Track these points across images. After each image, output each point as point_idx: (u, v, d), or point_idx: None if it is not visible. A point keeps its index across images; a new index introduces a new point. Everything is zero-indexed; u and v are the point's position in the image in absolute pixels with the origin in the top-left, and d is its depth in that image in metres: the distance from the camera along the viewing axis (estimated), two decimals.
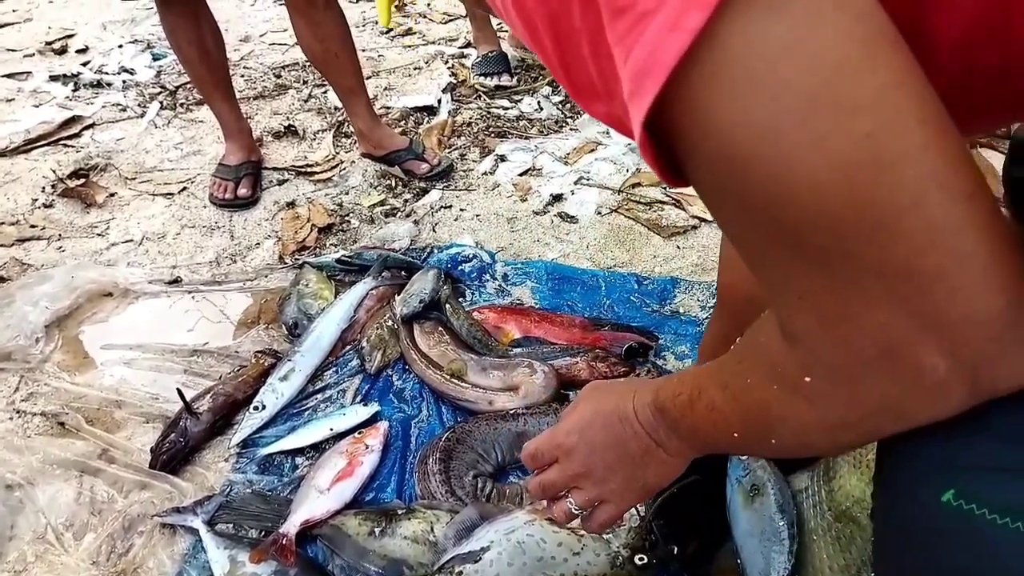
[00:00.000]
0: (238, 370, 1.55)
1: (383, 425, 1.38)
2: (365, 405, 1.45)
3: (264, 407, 1.44)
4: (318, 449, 1.37)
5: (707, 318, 1.59)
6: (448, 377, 1.46)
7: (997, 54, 0.46)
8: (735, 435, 0.60)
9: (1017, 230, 0.41)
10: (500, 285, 1.74)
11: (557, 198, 2.03)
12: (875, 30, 0.38)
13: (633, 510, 1.15)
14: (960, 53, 0.46)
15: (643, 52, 0.39)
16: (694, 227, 1.88)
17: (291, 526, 1.19)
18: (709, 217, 1.88)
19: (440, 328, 1.60)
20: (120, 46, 3.22)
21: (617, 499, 0.76)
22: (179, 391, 1.40)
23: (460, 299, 1.68)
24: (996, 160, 1.94)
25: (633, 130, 0.42)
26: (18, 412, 1.50)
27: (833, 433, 0.52)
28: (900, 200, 0.37)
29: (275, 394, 1.47)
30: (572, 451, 0.76)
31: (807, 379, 0.48)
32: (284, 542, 1.16)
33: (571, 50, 0.46)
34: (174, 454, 1.36)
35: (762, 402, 0.54)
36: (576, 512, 0.78)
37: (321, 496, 1.23)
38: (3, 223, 2.09)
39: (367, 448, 1.31)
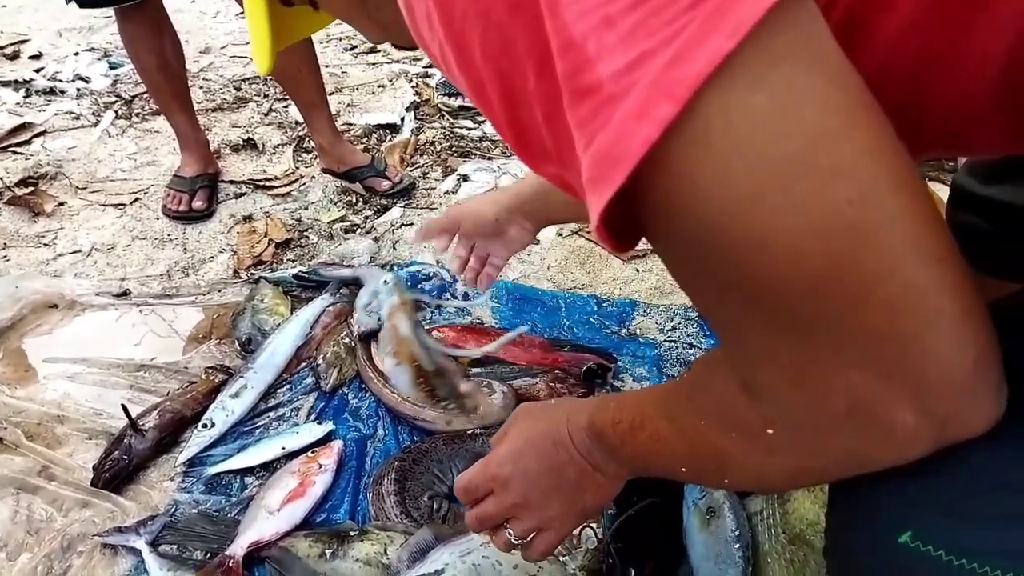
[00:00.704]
0: (187, 386, 1.50)
1: (337, 444, 1.35)
2: (319, 423, 1.42)
3: (213, 425, 1.40)
4: (269, 469, 1.34)
5: (665, 340, 1.61)
6: (404, 397, 1.44)
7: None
8: (683, 469, 0.59)
9: (976, 281, 0.42)
10: (460, 305, 1.72)
11: None
12: (851, 96, 0.38)
13: (591, 532, 1.15)
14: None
15: (607, 139, 0.38)
16: (653, 251, 1.89)
17: (238, 548, 1.15)
18: None
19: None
20: (76, 54, 3.15)
21: (556, 525, 0.75)
22: (124, 407, 1.36)
23: (420, 318, 1.67)
24: (943, 192, 2.00)
25: (590, 212, 0.41)
26: None
27: (792, 477, 0.52)
28: (879, 266, 0.38)
29: (225, 411, 1.43)
30: (507, 481, 0.74)
31: (769, 431, 0.47)
32: (231, 564, 1.12)
33: (522, 113, 0.44)
34: (117, 472, 1.31)
35: (717, 445, 0.53)
36: (516, 542, 0.76)
37: (271, 517, 1.20)
38: None
39: (320, 467, 1.28)
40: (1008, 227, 0.59)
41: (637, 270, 1.83)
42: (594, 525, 1.15)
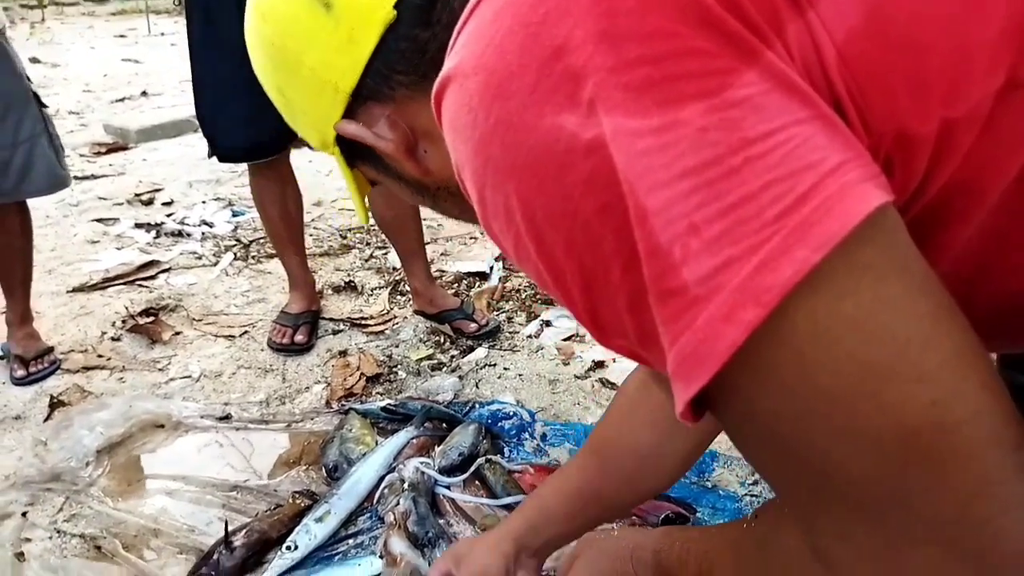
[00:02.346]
0: (274, 508, 1.56)
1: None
2: (380, 557, 1.43)
3: (296, 547, 1.44)
4: None
5: (746, 494, 1.58)
6: (481, 532, 1.46)
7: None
8: None
9: None
10: (538, 444, 1.76)
11: (599, 364, 2.09)
12: (936, 303, 0.40)
13: None
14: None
15: (693, 339, 0.39)
16: None
17: None
18: None
19: (476, 482, 1.61)
20: (203, 202, 3.51)
21: None
22: (225, 522, 1.43)
23: (499, 456, 1.70)
24: None
25: (676, 402, 0.43)
26: (58, 532, 1.52)
27: None
28: (959, 459, 0.39)
29: (308, 535, 1.47)
30: None
31: None
32: None
33: (604, 301, 0.45)
34: None
35: None
36: None
37: None
38: (72, 351, 2.22)
39: None
40: None
41: None
42: None
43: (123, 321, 2.39)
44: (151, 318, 2.41)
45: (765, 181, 0.37)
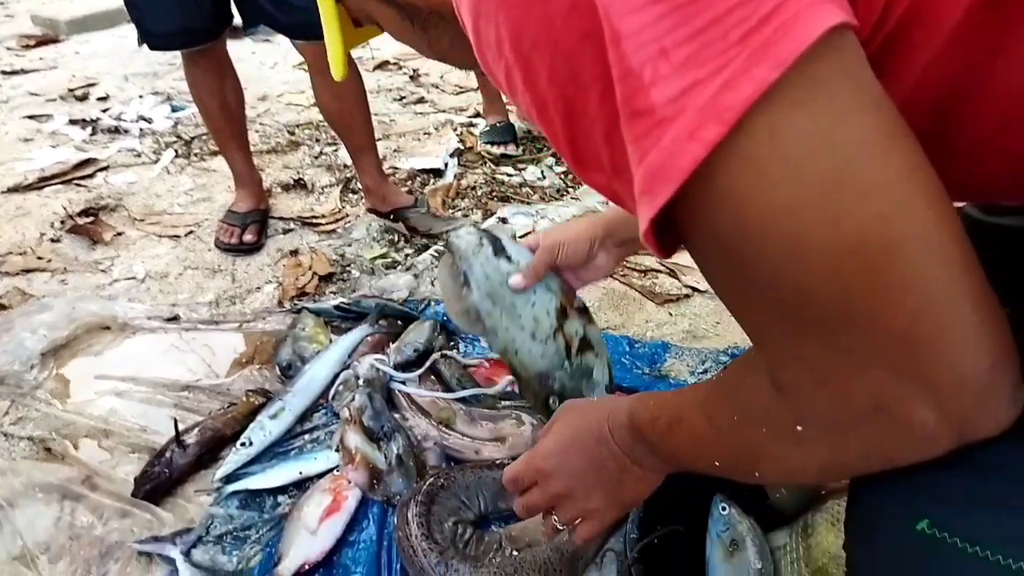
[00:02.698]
0: (228, 407, 1.55)
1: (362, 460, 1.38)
2: (337, 450, 1.44)
3: (251, 443, 1.44)
4: (301, 488, 1.37)
5: (696, 383, 1.62)
6: (437, 424, 1.48)
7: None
8: (716, 464, 0.62)
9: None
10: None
11: None
12: (887, 120, 0.42)
13: (613, 556, 1.16)
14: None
15: (659, 157, 0.42)
16: (687, 296, 1.92)
17: (286, 570, 1.18)
18: (702, 287, 1.93)
19: (432, 377, 1.62)
20: (140, 96, 3.33)
21: (599, 516, 0.79)
22: (175, 420, 1.41)
23: (454, 351, 1.71)
24: None
25: (639, 220, 0.45)
26: (5, 435, 1.50)
27: (820, 471, 0.56)
28: (906, 275, 0.41)
29: (263, 431, 1.47)
30: (551, 475, 0.80)
31: (798, 427, 0.50)
32: None
33: (582, 131, 0.49)
34: (157, 484, 1.35)
35: (749, 440, 0.57)
36: (561, 528, 0.81)
37: (313, 537, 1.23)
38: (10, 253, 2.13)
39: (350, 483, 1.31)
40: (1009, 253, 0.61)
41: (670, 314, 1.86)
42: (617, 548, 1.16)
43: (62, 222, 2.30)
44: (91, 218, 2.32)
45: (731, 5, 0.39)
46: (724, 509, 1.08)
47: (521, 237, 2.18)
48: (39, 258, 2.11)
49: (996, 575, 0.47)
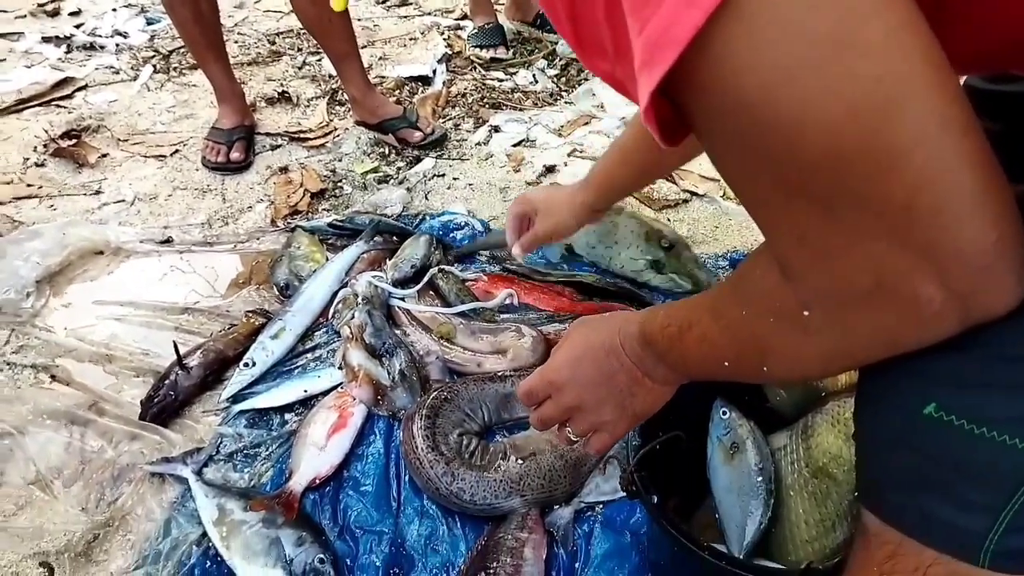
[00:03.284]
0: (229, 328, 1.56)
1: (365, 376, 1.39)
2: (340, 368, 1.45)
3: (254, 364, 1.45)
4: (307, 405, 1.39)
5: (693, 289, 1.62)
6: (437, 339, 1.48)
7: None
8: (726, 364, 0.63)
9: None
10: (491, 253, 1.75)
11: (550, 169, 2.05)
12: None
13: (616, 462, 1.19)
14: None
15: (658, 26, 0.40)
16: (685, 200, 1.89)
17: (297, 484, 1.21)
18: (700, 191, 1.90)
19: (430, 292, 1.62)
20: (114, 9, 3.19)
21: (610, 428, 0.81)
22: (175, 344, 1.42)
23: (451, 265, 1.70)
24: None
25: (640, 96, 0.44)
26: (8, 364, 1.50)
27: (826, 360, 0.55)
28: (905, 139, 0.39)
29: (265, 352, 1.48)
30: (563, 387, 0.80)
31: (805, 312, 0.50)
32: (290, 499, 1.18)
33: (584, 11, 0.47)
34: (164, 407, 1.37)
35: (757, 333, 0.57)
36: (575, 439, 0.83)
37: (321, 452, 1.25)
38: None
39: (355, 399, 1.33)
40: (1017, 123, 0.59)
41: (668, 219, 1.84)
42: (619, 455, 1.18)
43: (44, 145, 2.24)
44: (73, 140, 2.25)
45: None
46: (724, 413, 1.09)
47: (514, 146, 2.14)
48: (28, 185, 2.06)
49: (1004, 455, 0.47)
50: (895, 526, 0.56)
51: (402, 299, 1.59)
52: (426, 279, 1.62)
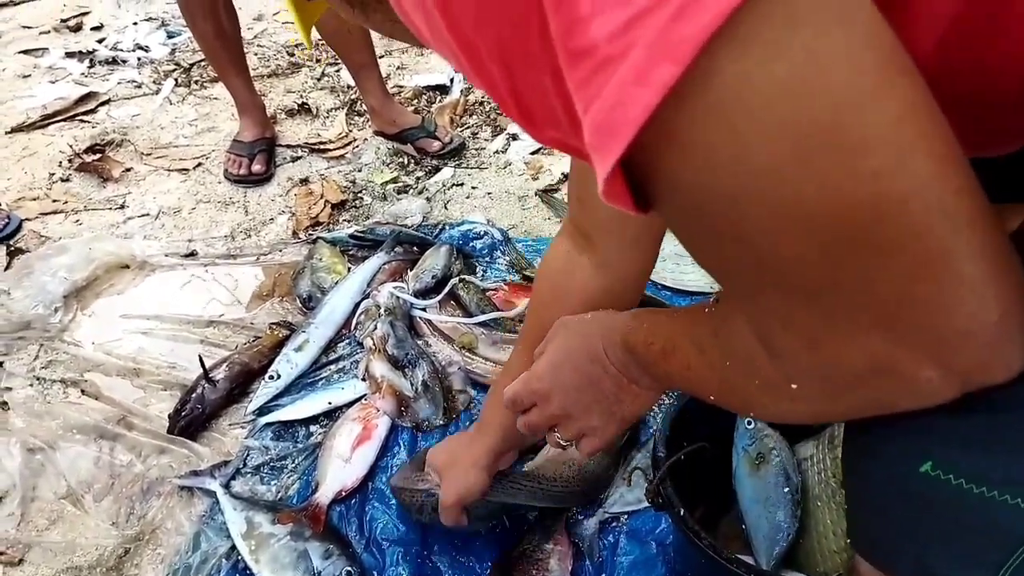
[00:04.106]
0: (253, 341, 1.57)
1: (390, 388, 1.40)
2: (363, 380, 1.46)
3: (279, 376, 1.46)
4: (331, 417, 1.40)
5: (689, 305, 1.61)
6: (459, 349, 1.49)
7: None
8: (711, 397, 0.61)
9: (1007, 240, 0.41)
10: (512, 261, 1.75)
11: (568, 177, 2.04)
12: (884, 57, 0.35)
13: (640, 473, 1.18)
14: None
15: (605, 106, 0.35)
16: None
17: (324, 497, 1.22)
18: None
19: (452, 302, 1.62)
20: (135, 23, 3.23)
21: (599, 433, 0.79)
22: (200, 358, 1.43)
23: (472, 275, 1.70)
24: None
25: (599, 185, 0.38)
26: (38, 379, 1.53)
27: (815, 417, 0.54)
28: (902, 235, 0.36)
29: (289, 364, 1.49)
30: (547, 395, 0.78)
31: (793, 385, 0.48)
32: (316, 511, 1.19)
33: (526, 80, 0.41)
34: (192, 420, 1.39)
35: (741, 387, 0.54)
36: (565, 444, 0.82)
37: (347, 465, 1.27)
38: (23, 197, 2.12)
39: (378, 411, 1.34)
40: None
41: None
42: (644, 468, 1.18)
43: (70, 160, 2.28)
44: (98, 155, 2.29)
45: None
46: (750, 423, 1.09)
47: (532, 154, 2.14)
48: (54, 201, 2.10)
49: (1004, 513, 0.45)
50: (888, 573, 0.54)
51: (423, 309, 1.60)
52: (447, 289, 1.62)
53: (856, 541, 0.58)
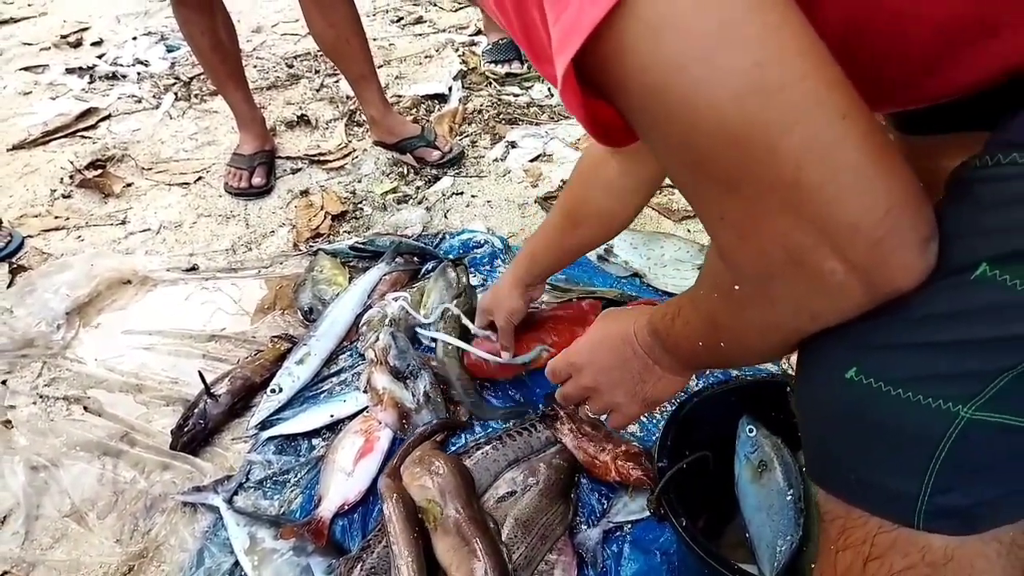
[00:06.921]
0: (255, 354, 1.57)
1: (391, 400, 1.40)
2: (365, 392, 1.45)
3: (281, 390, 1.46)
4: (334, 430, 1.40)
5: None
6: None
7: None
8: (700, 344, 0.69)
9: (898, 147, 0.47)
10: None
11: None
12: None
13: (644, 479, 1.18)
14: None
15: (568, 18, 0.45)
16: None
17: (326, 511, 1.21)
18: None
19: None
20: (134, 38, 3.25)
21: (624, 409, 0.89)
22: (200, 374, 1.43)
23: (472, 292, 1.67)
24: None
25: (557, 75, 0.48)
26: (41, 397, 1.53)
27: (764, 334, 0.59)
28: (784, 121, 0.43)
29: (291, 377, 1.49)
30: (582, 369, 0.89)
31: (736, 287, 0.55)
32: (319, 525, 1.19)
33: (529, 19, 0.51)
34: (194, 435, 1.39)
35: (711, 311, 0.64)
36: (593, 416, 0.95)
37: (349, 478, 1.26)
38: (25, 214, 2.13)
39: (380, 423, 1.34)
40: None
41: (688, 230, 1.83)
42: (647, 477, 1.18)
43: (71, 176, 2.28)
44: (99, 171, 2.30)
45: None
46: (751, 431, 1.08)
47: (531, 162, 2.14)
48: (56, 217, 2.11)
49: (913, 413, 0.50)
50: (839, 496, 0.58)
51: (427, 327, 1.58)
52: (444, 316, 1.55)
53: (810, 469, 0.63)
